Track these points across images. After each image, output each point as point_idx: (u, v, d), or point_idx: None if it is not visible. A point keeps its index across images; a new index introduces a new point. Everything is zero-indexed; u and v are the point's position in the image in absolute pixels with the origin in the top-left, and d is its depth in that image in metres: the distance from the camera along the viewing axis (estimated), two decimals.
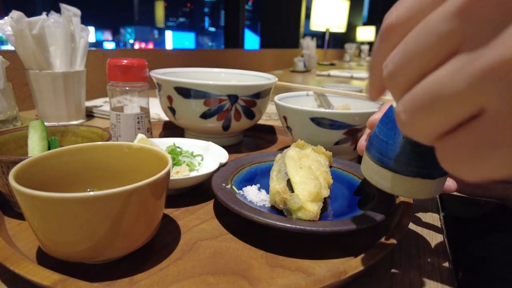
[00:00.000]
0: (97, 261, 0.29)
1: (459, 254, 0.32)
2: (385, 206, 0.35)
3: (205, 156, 0.50)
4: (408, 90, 0.17)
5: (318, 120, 0.49)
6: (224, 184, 0.39)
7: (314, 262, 0.31)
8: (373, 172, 0.29)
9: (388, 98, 0.34)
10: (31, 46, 0.67)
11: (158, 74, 0.60)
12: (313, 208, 0.33)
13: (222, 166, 0.44)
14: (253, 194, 0.39)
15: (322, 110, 0.50)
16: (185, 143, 0.52)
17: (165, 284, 0.28)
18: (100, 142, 0.35)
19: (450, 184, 0.36)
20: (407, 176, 0.27)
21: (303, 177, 0.36)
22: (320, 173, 0.38)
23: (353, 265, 0.28)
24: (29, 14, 0.67)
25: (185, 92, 0.54)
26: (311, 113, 0.49)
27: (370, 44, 5.19)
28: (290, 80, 1.84)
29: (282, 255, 0.32)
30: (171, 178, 0.37)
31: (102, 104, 0.90)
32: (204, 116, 0.56)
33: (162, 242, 0.33)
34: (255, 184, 0.41)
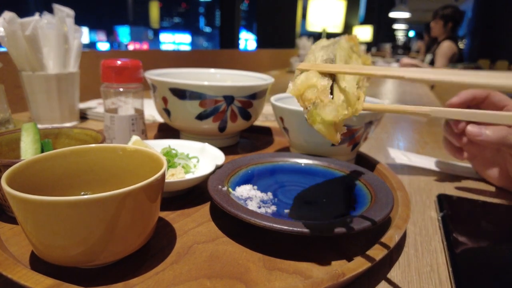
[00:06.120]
0: (92, 266, 0.29)
1: (457, 255, 0.32)
2: (383, 207, 0.35)
3: (201, 158, 0.49)
4: None
5: None
6: (220, 186, 0.39)
7: (311, 264, 0.31)
8: None
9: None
10: (23, 48, 0.66)
11: (153, 75, 0.60)
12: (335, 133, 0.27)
13: (218, 168, 0.44)
14: (247, 192, 0.39)
15: None
16: (180, 145, 0.51)
17: None
18: (94, 145, 0.35)
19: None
20: None
21: (349, 87, 0.27)
22: (361, 93, 0.30)
23: (351, 267, 0.28)
24: (21, 15, 0.66)
25: (180, 93, 0.54)
26: None
27: (367, 44, 5.21)
28: (287, 80, 1.84)
29: (280, 258, 0.32)
30: (166, 180, 0.37)
31: (96, 106, 0.89)
32: (200, 117, 0.56)
33: (157, 246, 0.33)
34: (252, 185, 0.41)
